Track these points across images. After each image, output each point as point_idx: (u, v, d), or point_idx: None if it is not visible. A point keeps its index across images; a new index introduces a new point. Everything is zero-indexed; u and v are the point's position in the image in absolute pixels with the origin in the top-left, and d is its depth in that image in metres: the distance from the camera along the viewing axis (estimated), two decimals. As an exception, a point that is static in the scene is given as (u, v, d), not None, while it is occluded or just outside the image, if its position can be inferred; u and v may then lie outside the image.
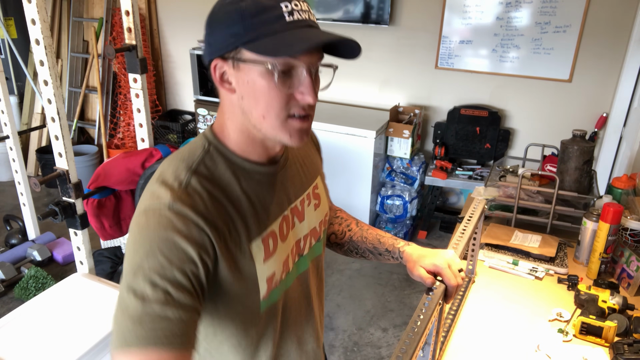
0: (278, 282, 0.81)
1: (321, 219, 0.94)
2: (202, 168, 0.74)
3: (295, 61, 0.70)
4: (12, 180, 3.12)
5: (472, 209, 1.21)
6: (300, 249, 0.88)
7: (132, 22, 2.01)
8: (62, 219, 1.95)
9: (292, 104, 0.72)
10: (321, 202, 0.94)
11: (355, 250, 1.06)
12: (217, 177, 0.74)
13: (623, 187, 1.60)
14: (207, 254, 0.69)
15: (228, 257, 0.72)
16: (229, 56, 0.72)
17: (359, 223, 1.08)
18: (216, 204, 0.72)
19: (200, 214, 0.69)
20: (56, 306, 1.82)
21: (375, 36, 3.47)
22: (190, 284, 0.66)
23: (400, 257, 0.98)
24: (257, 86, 0.70)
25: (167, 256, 0.65)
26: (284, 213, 0.82)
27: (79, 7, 4.17)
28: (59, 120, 1.86)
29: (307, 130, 0.75)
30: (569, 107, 3.12)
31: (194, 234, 0.67)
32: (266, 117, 0.72)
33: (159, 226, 0.67)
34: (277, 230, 0.80)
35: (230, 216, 0.73)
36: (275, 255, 0.79)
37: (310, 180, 0.92)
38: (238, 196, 0.75)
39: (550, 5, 2.93)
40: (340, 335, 2.50)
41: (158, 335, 0.62)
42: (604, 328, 1.12)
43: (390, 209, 3.41)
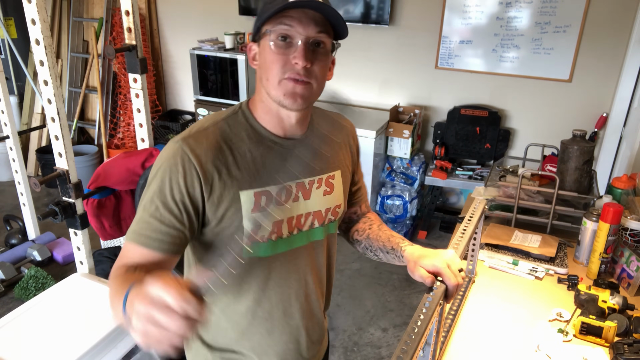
0: (265, 239, 0.91)
1: (329, 207, 1.00)
2: (223, 123, 0.91)
3: (291, 30, 0.83)
4: (12, 180, 3.12)
5: (473, 209, 1.21)
6: (300, 223, 0.96)
7: (132, 22, 2.01)
8: (62, 219, 1.95)
9: (288, 67, 0.84)
10: (333, 192, 1.00)
11: (370, 248, 1.09)
12: (233, 133, 0.90)
13: (623, 187, 1.60)
14: (193, 188, 0.84)
15: (213, 196, 0.86)
16: (256, 38, 0.89)
17: (381, 225, 1.13)
18: (218, 152, 0.87)
19: (196, 155, 0.84)
20: (56, 306, 1.82)
21: (375, 36, 3.47)
22: (176, 208, 0.84)
23: (402, 257, 0.99)
24: (265, 54, 0.86)
25: (164, 182, 0.84)
26: (287, 183, 0.92)
27: (79, 7, 4.17)
28: (59, 120, 1.86)
29: (301, 94, 0.86)
30: (569, 107, 3.12)
31: (186, 170, 0.84)
32: (269, 78, 0.86)
33: (166, 157, 0.86)
34: (275, 193, 0.91)
35: (227, 164, 0.87)
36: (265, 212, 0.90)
37: (327, 169, 1.00)
38: (244, 152, 0.89)
39: (550, 5, 2.93)
40: (340, 335, 2.50)
41: (140, 235, 0.84)
42: (604, 328, 1.12)
43: (390, 209, 3.41)
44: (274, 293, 0.97)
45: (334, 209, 1.01)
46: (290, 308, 1.00)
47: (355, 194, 1.15)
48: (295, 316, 1.01)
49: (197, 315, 0.57)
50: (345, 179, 1.05)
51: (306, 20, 0.83)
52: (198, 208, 0.86)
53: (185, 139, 0.86)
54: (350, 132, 1.10)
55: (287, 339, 1.02)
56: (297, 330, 1.03)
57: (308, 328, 1.05)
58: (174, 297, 0.56)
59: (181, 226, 0.85)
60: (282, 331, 1.01)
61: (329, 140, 1.02)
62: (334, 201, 1.01)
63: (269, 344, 1.01)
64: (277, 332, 1.00)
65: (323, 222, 1.00)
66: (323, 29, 0.84)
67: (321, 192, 0.98)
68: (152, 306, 0.57)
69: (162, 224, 0.84)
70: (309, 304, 1.03)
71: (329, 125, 1.05)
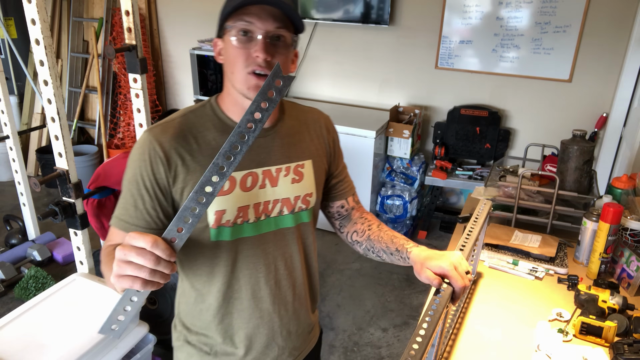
0: (231, 223, 0.95)
1: (299, 195, 1.02)
2: (190, 115, 0.97)
3: (251, 25, 0.88)
4: (12, 180, 3.12)
5: (478, 210, 1.19)
6: (267, 209, 0.99)
7: (132, 22, 2.01)
8: (62, 219, 1.95)
9: (250, 60, 0.89)
10: (303, 181, 1.03)
11: (372, 250, 1.10)
12: (199, 123, 0.96)
13: (623, 187, 1.60)
14: (160, 175, 0.91)
15: (178, 181, 0.92)
16: (220, 33, 0.94)
17: (381, 225, 1.13)
18: (183, 140, 0.93)
19: (160, 143, 0.91)
20: (56, 306, 1.82)
21: (375, 36, 3.47)
22: (147, 195, 0.91)
23: (408, 258, 0.99)
24: (229, 49, 0.91)
25: (135, 171, 0.91)
26: (251, 169, 0.96)
27: (79, 7, 4.17)
28: (59, 120, 1.86)
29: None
30: (569, 107, 3.12)
31: (152, 158, 0.90)
32: (234, 72, 0.91)
33: (136, 148, 0.93)
34: (239, 178, 0.95)
35: (191, 152, 0.93)
36: (229, 196, 0.94)
37: (296, 158, 1.02)
38: (209, 140, 0.94)
39: (550, 5, 2.93)
40: (340, 335, 2.50)
41: (120, 220, 0.93)
42: (604, 328, 1.12)
43: (390, 209, 3.41)
44: (242, 275, 1.00)
45: (304, 197, 1.03)
46: (260, 292, 1.02)
47: (338, 186, 1.16)
48: (265, 300, 1.03)
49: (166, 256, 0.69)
50: (318, 169, 1.06)
51: (265, 16, 0.88)
52: (166, 194, 0.93)
53: (152, 130, 0.93)
54: (324, 124, 1.11)
55: (259, 322, 1.04)
56: (269, 316, 1.05)
57: (282, 316, 1.06)
58: (147, 241, 0.68)
59: (154, 211, 0.92)
60: (252, 314, 1.03)
61: (300, 131, 1.05)
62: (304, 189, 1.03)
63: (239, 325, 1.03)
64: (246, 313, 1.03)
65: (293, 210, 1.02)
66: (282, 24, 0.89)
67: (289, 179, 1.01)
68: (128, 250, 0.69)
69: (137, 210, 0.92)
70: (279, 290, 1.05)
71: (301, 117, 1.08)
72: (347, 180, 1.18)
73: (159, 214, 0.93)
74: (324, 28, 3.61)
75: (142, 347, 1.87)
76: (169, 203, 0.94)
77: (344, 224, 1.18)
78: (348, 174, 1.20)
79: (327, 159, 1.11)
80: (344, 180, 1.17)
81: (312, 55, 3.73)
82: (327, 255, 3.18)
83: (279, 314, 1.06)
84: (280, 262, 1.03)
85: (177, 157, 0.92)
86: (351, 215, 1.19)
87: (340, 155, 1.17)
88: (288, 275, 1.06)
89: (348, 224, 1.17)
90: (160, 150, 0.91)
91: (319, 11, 3.47)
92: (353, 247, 1.16)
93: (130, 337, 1.82)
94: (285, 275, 1.05)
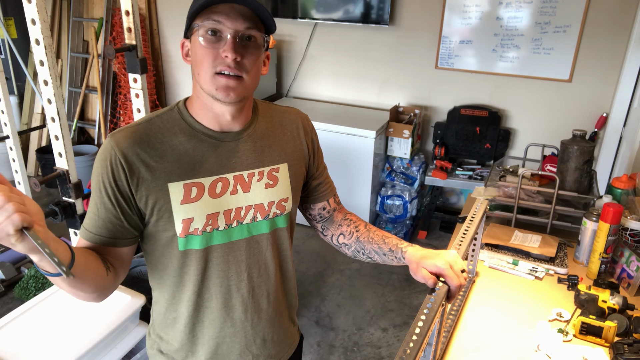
0: (200, 231, 0.91)
1: (273, 200, 0.98)
2: (156, 119, 0.93)
3: (220, 25, 0.84)
4: (12, 180, 3.12)
5: (475, 209, 1.20)
6: (240, 216, 0.95)
7: (132, 22, 2.01)
8: (62, 219, 1.95)
9: (218, 61, 0.85)
10: (277, 186, 0.99)
11: (362, 251, 1.07)
12: (165, 128, 0.92)
13: (623, 187, 1.60)
14: (121, 182, 0.87)
15: (141, 189, 0.88)
16: (188, 34, 0.91)
17: (368, 225, 1.10)
18: (146, 145, 0.89)
19: (121, 150, 0.87)
20: (56, 306, 1.82)
21: (375, 36, 3.47)
22: (109, 203, 0.88)
23: (403, 258, 0.98)
24: (196, 49, 0.87)
25: (98, 180, 0.88)
26: (222, 175, 0.92)
27: (79, 7, 4.17)
28: (59, 120, 1.86)
29: (233, 87, 0.86)
30: (569, 107, 3.12)
31: (113, 166, 0.87)
32: (200, 73, 0.87)
33: (99, 154, 0.90)
34: (207, 185, 0.91)
35: (155, 157, 0.89)
36: (197, 203, 0.90)
37: (270, 161, 0.98)
38: (175, 145, 0.90)
39: (550, 5, 2.93)
40: (340, 335, 2.50)
41: (84, 229, 0.91)
42: (604, 328, 1.12)
43: (390, 209, 3.41)
44: (213, 284, 0.97)
45: (279, 202, 0.99)
46: (231, 300, 0.99)
47: (319, 188, 1.12)
48: (236, 308, 1.00)
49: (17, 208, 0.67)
50: (294, 172, 1.02)
51: (234, 15, 0.84)
52: (129, 202, 0.89)
53: (114, 135, 0.89)
54: (302, 124, 1.06)
55: (231, 332, 1.02)
56: (242, 324, 1.02)
57: (255, 324, 1.04)
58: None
59: (117, 220, 0.89)
60: (223, 323, 1.00)
61: (274, 133, 1.01)
62: (279, 194, 0.99)
63: (210, 334, 1.01)
64: (218, 322, 1.00)
65: (267, 216, 0.98)
66: (252, 24, 0.86)
67: (262, 184, 0.97)
68: None
69: (99, 219, 0.89)
70: (252, 298, 1.01)
71: (276, 118, 1.03)
72: (327, 182, 1.14)
73: (122, 222, 0.89)
74: (324, 28, 3.61)
75: (142, 347, 1.87)
76: (134, 211, 0.90)
77: (327, 226, 1.15)
78: (328, 175, 1.16)
79: (305, 161, 1.06)
80: (324, 182, 1.13)
81: (312, 55, 3.73)
82: (327, 255, 3.18)
83: (251, 322, 1.03)
84: (254, 269, 1.00)
85: (140, 164, 0.88)
86: (333, 217, 1.15)
87: (320, 155, 1.12)
88: (262, 283, 1.02)
89: (331, 226, 1.14)
90: (122, 157, 0.87)
91: (319, 11, 3.47)
92: (340, 249, 1.13)
93: (130, 337, 1.82)
94: (259, 282, 1.02)
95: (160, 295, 1.01)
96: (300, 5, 3.52)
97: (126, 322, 1.78)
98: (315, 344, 2.43)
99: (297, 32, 3.69)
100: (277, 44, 3.77)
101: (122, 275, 0.95)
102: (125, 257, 0.94)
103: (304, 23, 3.61)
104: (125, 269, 0.95)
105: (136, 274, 2.24)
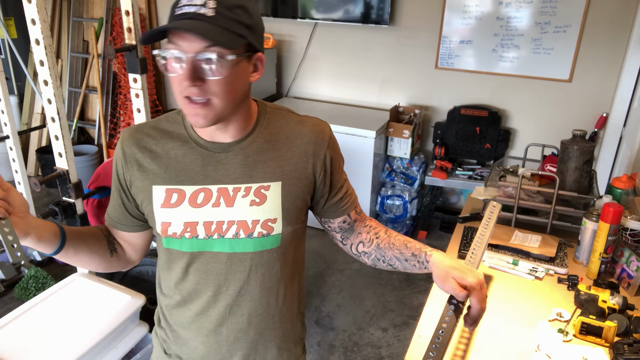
0: (178, 236, 0.92)
1: (257, 219, 0.91)
2: (164, 120, 0.96)
3: (177, 50, 0.77)
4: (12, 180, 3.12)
5: (489, 214, 1.15)
6: (221, 229, 0.92)
7: (132, 22, 2.00)
8: (62, 219, 1.95)
9: (183, 86, 0.79)
10: (265, 205, 0.91)
11: (382, 259, 1.01)
12: (166, 131, 0.94)
13: (623, 187, 1.60)
14: (123, 177, 0.95)
15: (134, 186, 0.94)
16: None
17: (388, 231, 1.04)
18: (143, 147, 0.93)
19: (124, 147, 0.93)
20: (56, 306, 1.82)
21: (375, 36, 3.47)
22: (121, 190, 0.96)
23: (426, 262, 0.92)
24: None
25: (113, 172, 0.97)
26: (205, 185, 0.91)
27: (79, 7, 4.17)
28: (59, 120, 1.86)
29: (202, 114, 0.81)
30: (569, 107, 3.12)
31: (118, 161, 0.95)
32: (176, 98, 0.84)
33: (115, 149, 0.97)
34: (189, 193, 0.91)
35: (147, 159, 0.92)
36: (176, 209, 0.91)
37: (260, 178, 0.91)
38: (167, 150, 0.93)
39: (550, 5, 2.93)
40: (340, 335, 2.50)
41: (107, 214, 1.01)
42: (604, 328, 1.12)
43: (390, 209, 3.41)
44: (193, 288, 0.97)
45: (265, 222, 0.91)
46: (209, 309, 0.97)
47: (338, 203, 1.02)
48: (213, 320, 0.97)
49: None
50: (290, 193, 0.93)
51: (191, 37, 0.76)
52: (127, 193, 0.96)
53: (124, 132, 0.95)
54: (315, 139, 0.95)
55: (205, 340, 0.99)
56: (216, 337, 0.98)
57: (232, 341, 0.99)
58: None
59: (120, 207, 0.98)
60: (199, 329, 0.99)
61: (274, 148, 0.92)
62: (265, 214, 0.91)
63: (189, 335, 1.00)
64: (194, 326, 0.99)
65: (251, 234, 0.91)
66: (213, 42, 0.76)
67: (247, 201, 0.90)
68: None
69: (112, 204, 0.99)
70: (231, 315, 0.96)
71: (285, 130, 0.94)
72: (347, 195, 1.03)
73: (125, 209, 0.97)
74: (324, 28, 3.61)
75: (142, 347, 1.87)
76: (132, 202, 0.97)
77: (347, 236, 1.07)
78: (350, 187, 1.06)
79: (309, 181, 0.95)
80: (345, 196, 1.03)
81: (312, 55, 3.73)
82: (327, 255, 3.18)
83: (227, 339, 0.98)
84: (232, 287, 0.95)
85: (134, 163, 0.93)
86: (354, 226, 1.07)
87: (338, 171, 1.01)
88: (242, 303, 0.96)
89: (351, 235, 1.07)
90: (121, 153, 0.94)
91: (319, 11, 3.47)
92: (359, 258, 1.06)
93: (130, 337, 1.82)
94: (239, 302, 0.96)
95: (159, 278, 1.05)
96: (300, 5, 3.52)
97: (126, 322, 1.78)
98: (315, 344, 2.43)
99: (297, 32, 3.69)
100: (277, 44, 3.77)
101: (133, 258, 1.05)
102: (134, 242, 1.03)
103: (304, 23, 3.61)
104: (138, 253, 1.05)
105: (136, 274, 2.24)
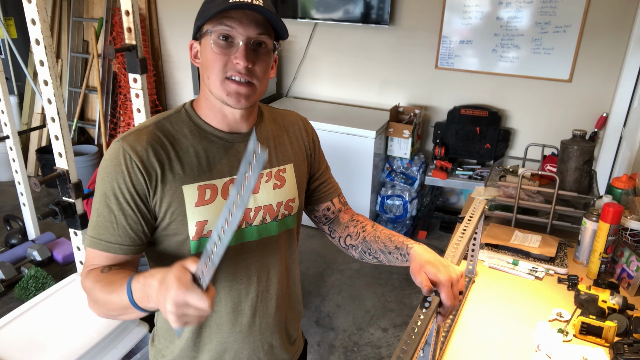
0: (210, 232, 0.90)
1: (281, 201, 0.98)
2: (164, 121, 0.92)
3: (232, 31, 0.84)
4: (12, 180, 3.12)
5: (473, 209, 1.20)
6: (249, 217, 0.95)
7: (132, 22, 2.01)
8: (62, 219, 1.95)
9: (229, 67, 0.85)
10: (285, 186, 0.99)
11: (369, 252, 1.05)
12: (175, 130, 0.91)
13: (623, 187, 1.60)
14: (140, 185, 0.86)
15: (157, 192, 0.87)
16: (197, 36, 0.90)
17: (375, 225, 1.08)
18: (160, 147, 0.88)
19: (136, 152, 0.86)
20: (56, 306, 1.82)
21: (375, 36, 3.47)
22: (129, 208, 0.86)
23: (407, 254, 0.95)
24: (206, 53, 0.87)
25: (112, 184, 0.85)
26: (233, 176, 0.92)
27: (79, 7, 4.17)
28: (59, 120, 1.86)
29: (245, 94, 0.87)
30: (569, 107, 3.12)
31: (129, 168, 0.85)
32: (210, 77, 0.87)
33: (109, 158, 0.87)
34: (221, 186, 0.91)
35: (169, 160, 0.88)
36: (210, 206, 0.90)
37: (277, 162, 0.99)
38: (187, 147, 0.90)
39: (550, 5, 2.93)
40: (340, 335, 2.50)
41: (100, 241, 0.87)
42: (604, 328, 1.12)
43: (390, 209, 3.41)
44: (222, 287, 0.95)
45: (287, 203, 0.99)
46: (240, 304, 0.98)
47: (321, 188, 1.11)
48: (245, 313, 0.98)
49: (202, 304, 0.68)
50: (299, 173, 1.03)
51: (247, 21, 0.84)
52: (148, 205, 0.87)
53: (125, 138, 0.87)
54: (303, 126, 1.08)
55: (239, 337, 1.00)
56: (250, 330, 1.00)
57: (264, 329, 1.02)
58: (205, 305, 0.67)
59: (137, 226, 0.87)
60: (232, 328, 0.98)
61: (279, 134, 1.02)
62: (286, 195, 0.99)
63: (218, 340, 0.99)
64: (226, 328, 0.98)
65: (276, 217, 0.98)
66: (264, 30, 0.86)
67: (271, 185, 0.97)
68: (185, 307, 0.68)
69: (118, 227, 0.86)
70: (261, 302, 1.00)
71: (279, 120, 1.05)
72: (330, 182, 1.13)
73: (143, 228, 0.87)
74: (324, 28, 3.61)
75: (142, 347, 1.88)
76: (152, 215, 0.88)
77: (334, 228, 1.13)
78: (332, 175, 1.15)
79: (308, 162, 1.07)
80: (327, 182, 1.12)
81: (312, 55, 3.73)
82: (327, 255, 3.18)
83: (260, 328, 1.01)
84: (263, 272, 0.99)
85: (157, 165, 0.86)
86: (339, 218, 1.13)
87: (321, 156, 1.12)
88: (270, 287, 1.01)
89: (338, 228, 1.12)
90: (137, 159, 0.85)
91: (319, 11, 3.47)
92: (347, 251, 1.11)
93: (130, 337, 1.82)
94: (268, 286, 1.00)
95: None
96: (300, 5, 3.52)
97: (126, 322, 1.78)
98: (315, 344, 2.43)
99: (297, 32, 3.69)
100: (277, 44, 3.76)
101: None
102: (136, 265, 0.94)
103: (304, 23, 3.61)
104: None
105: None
